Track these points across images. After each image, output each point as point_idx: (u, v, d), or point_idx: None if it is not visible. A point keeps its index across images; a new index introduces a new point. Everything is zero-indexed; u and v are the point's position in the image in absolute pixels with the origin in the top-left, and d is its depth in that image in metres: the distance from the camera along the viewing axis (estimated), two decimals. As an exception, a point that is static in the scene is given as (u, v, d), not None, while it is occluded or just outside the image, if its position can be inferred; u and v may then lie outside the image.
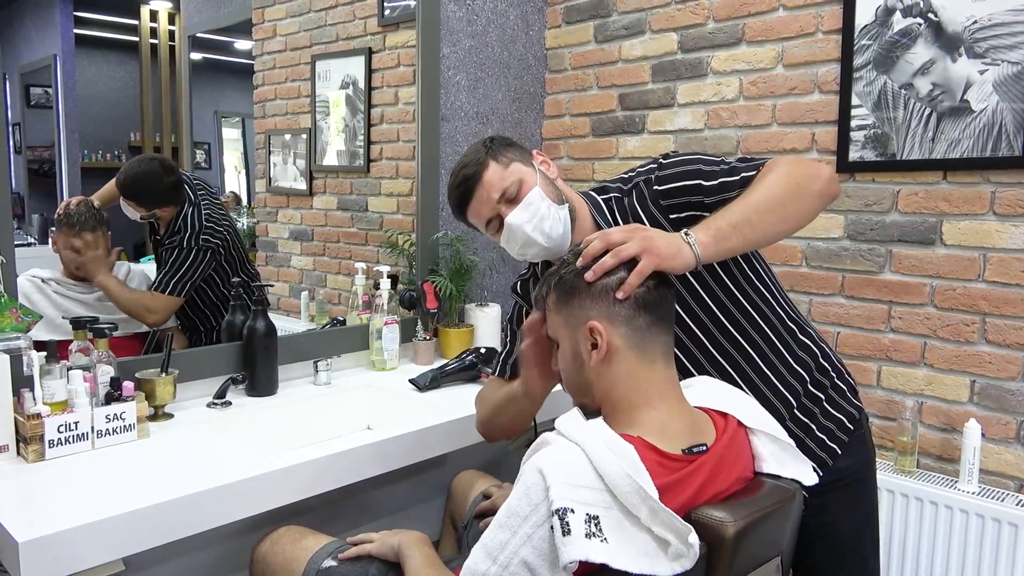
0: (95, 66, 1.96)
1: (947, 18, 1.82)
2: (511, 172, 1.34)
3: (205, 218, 1.95)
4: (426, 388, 1.94)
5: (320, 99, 2.37)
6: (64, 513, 1.17)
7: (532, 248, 1.34)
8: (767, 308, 1.36)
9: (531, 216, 1.32)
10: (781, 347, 1.37)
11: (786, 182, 1.20)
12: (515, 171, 1.34)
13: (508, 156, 1.36)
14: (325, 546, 1.35)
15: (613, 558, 0.89)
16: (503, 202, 1.33)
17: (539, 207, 1.32)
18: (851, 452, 1.37)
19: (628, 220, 1.35)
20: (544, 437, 1.03)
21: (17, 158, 1.86)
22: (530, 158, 1.39)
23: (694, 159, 1.32)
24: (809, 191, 1.21)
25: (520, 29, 2.55)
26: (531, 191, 1.33)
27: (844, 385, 1.42)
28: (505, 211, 1.33)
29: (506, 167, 1.34)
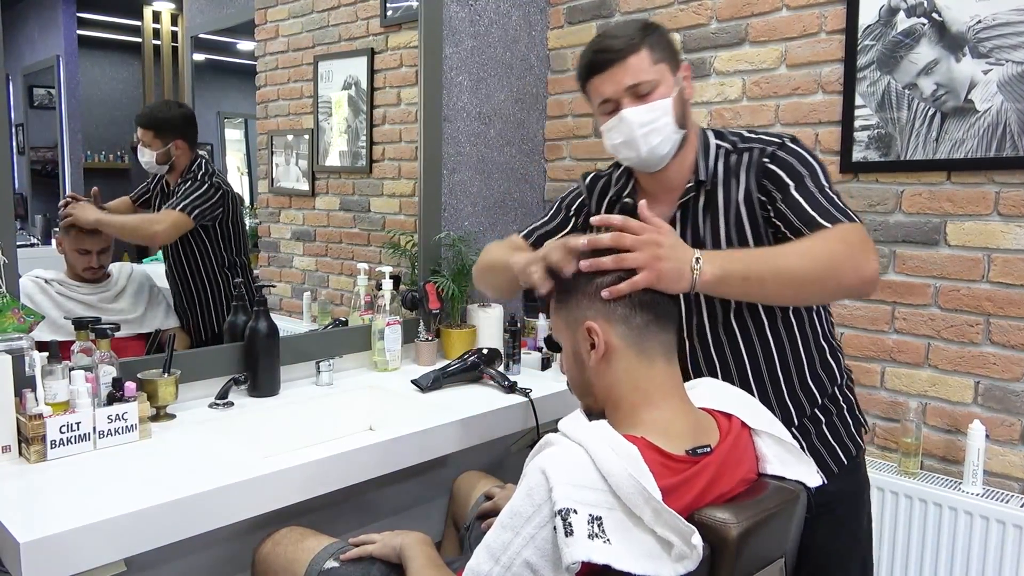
0: (98, 67, 1.96)
1: (951, 18, 1.81)
2: (656, 70, 1.28)
3: (216, 171, 2.01)
4: (428, 389, 1.93)
5: (322, 100, 2.37)
6: (66, 513, 1.17)
7: (629, 152, 1.31)
8: (804, 318, 1.36)
9: (648, 122, 1.28)
10: (804, 360, 1.36)
11: (824, 265, 1.17)
12: (659, 71, 1.28)
13: (661, 53, 1.29)
14: (327, 547, 1.35)
15: (616, 559, 0.89)
16: (631, 94, 1.28)
17: (659, 118, 1.28)
18: (838, 481, 1.36)
19: (728, 177, 1.33)
20: (547, 438, 1.02)
21: (20, 159, 1.86)
22: (678, 69, 1.33)
23: (810, 164, 1.29)
24: (840, 282, 1.18)
25: (522, 30, 2.55)
26: (662, 100, 1.28)
27: (851, 419, 1.41)
28: (627, 103, 1.28)
29: (654, 63, 1.28)
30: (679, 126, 1.31)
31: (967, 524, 1.78)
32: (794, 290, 1.18)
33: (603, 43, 1.30)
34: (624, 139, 1.30)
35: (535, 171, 2.67)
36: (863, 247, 1.19)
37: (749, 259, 1.18)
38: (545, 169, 2.71)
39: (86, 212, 1.81)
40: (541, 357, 2.23)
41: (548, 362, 2.21)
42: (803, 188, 1.26)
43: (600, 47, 1.30)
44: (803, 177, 1.27)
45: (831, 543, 1.38)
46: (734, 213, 1.33)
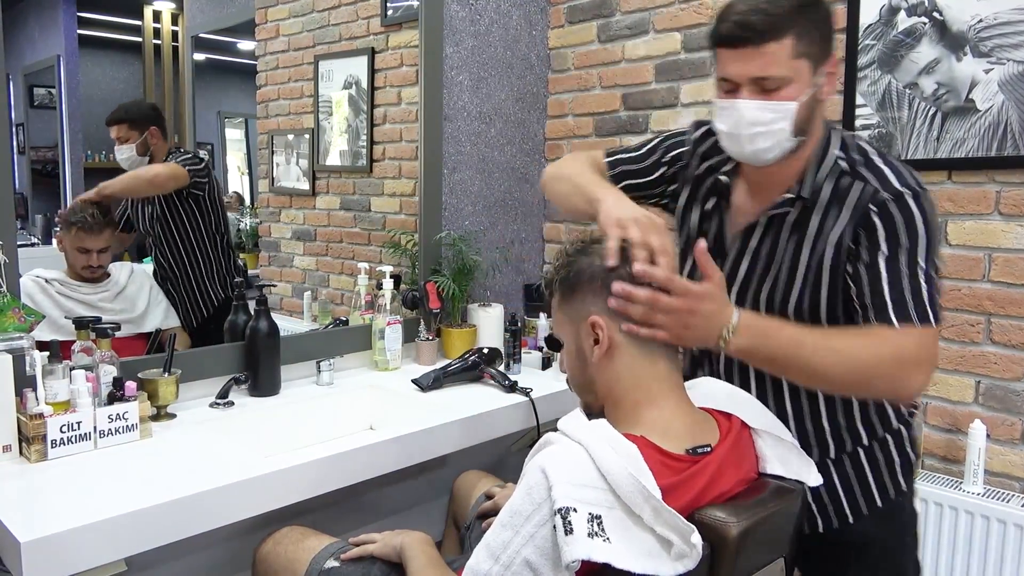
0: (98, 67, 1.96)
1: (952, 17, 1.81)
2: (792, 66, 1.11)
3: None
4: (429, 388, 1.93)
5: (323, 99, 2.37)
6: (66, 513, 1.17)
7: (731, 144, 1.19)
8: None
9: (762, 122, 1.13)
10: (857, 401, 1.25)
11: (859, 378, 1.09)
12: (796, 69, 1.11)
13: (808, 45, 1.11)
14: (327, 546, 1.35)
15: (615, 558, 0.89)
16: (754, 84, 1.12)
17: (775, 122, 1.13)
18: (869, 523, 1.26)
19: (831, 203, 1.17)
20: (547, 437, 1.02)
21: (20, 158, 1.86)
22: (823, 66, 1.14)
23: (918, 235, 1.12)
24: (871, 392, 1.13)
25: (523, 29, 2.55)
26: (788, 103, 1.12)
27: (899, 456, 1.28)
28: (747, 92, 1.13)
29: (796, 57, 1.10)
30: (797, 134, 1.15)
31: (968, 524, 1.77)
32: (817, 385, 1.15)
33: (746, 17, 1.10)
34: (729, 130, 1.17)
35: (536, 170, 2.67)
36: (915, 364, 1.08)
37: (782, 341, 1.08)
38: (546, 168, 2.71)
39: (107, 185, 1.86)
40: (542, 356, 2.23)
41: (549, 361, 2.21)
42: (894, 262, 1.11)
43: (742, 19, 1.10)
44: (901, 249, 1.11)
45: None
46: (820, 251, 1.18)
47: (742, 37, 1.11)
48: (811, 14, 1.12)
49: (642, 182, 1.42)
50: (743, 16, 1.11)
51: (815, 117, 1.17)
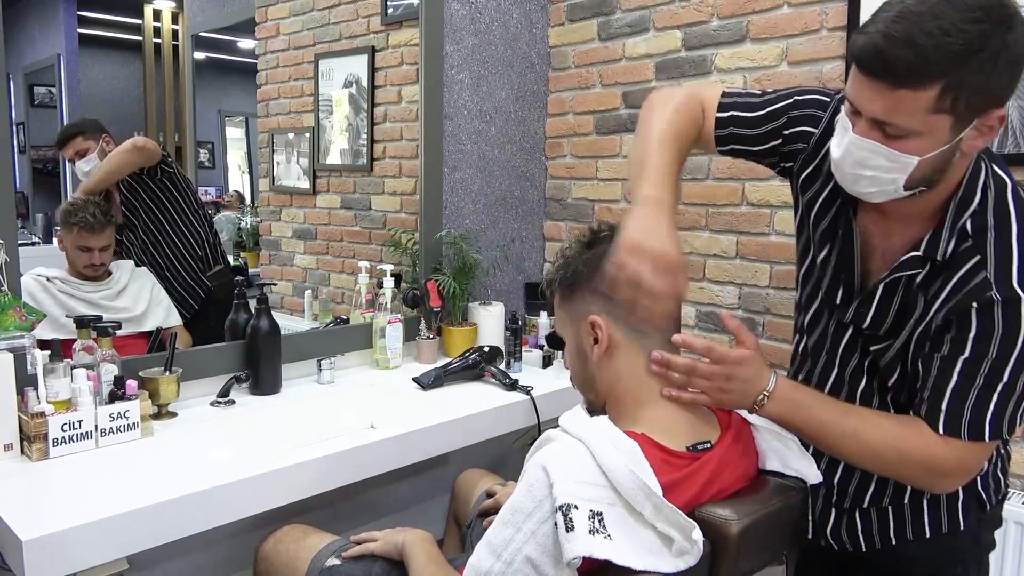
0: (99, 65, 1.96)
1: (952, 14, 1.81)
2: (927, 122, 0.91)
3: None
4: (430, 387, 1.93)
5: (323, 98, 2.37)
6: (68, 511, 1.18)
7: (835, 172, 1.05)
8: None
9: (868, 164, 0.98)
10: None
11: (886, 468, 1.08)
12: (931, 124, 0.91)
13: (959, 102, 0.89)
14: (329, 544, 1.35)
15: (617, 554, 0.89)
16: (877, 126, 0.95)
17: (886, 173, 0.97)
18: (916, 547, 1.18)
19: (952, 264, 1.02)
20: (548, 434, 1.02)
21: (21, 157, 1.86)
22: (976, 117, 0.92)
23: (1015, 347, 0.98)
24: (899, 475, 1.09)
25: (523, 27, 2.55)
26: (907, 157, 0.94)
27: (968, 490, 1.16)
28: (869, 131, 0.96)
29: (933, 111, 0.90)
30: (912, 186, 0.98)
31: (969, 521, 1.77)
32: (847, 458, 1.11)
33: (892, 47, 0.89)
34: (836, 158, 1.02)
35: (536, 169, 2.67)
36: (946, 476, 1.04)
37: (811, 420, 1.07)
38: (546, 167, 2.71)
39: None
40: (542, 355, 2.23)
41: (549, 360, 2.21)
42: (972, 368, 0.99)
43: (886, 47, 0.89)
44: (987, 359, 0.98)
45: None
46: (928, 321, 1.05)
47: (881, 69, 0.91)
48: (976, 66, 0.87)
49: (751, 150, 1.23)
50: (889, 43, 0.89)
51: (944, 174, 0.99)
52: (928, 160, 0.95)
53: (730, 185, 2.19)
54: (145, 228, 1.98)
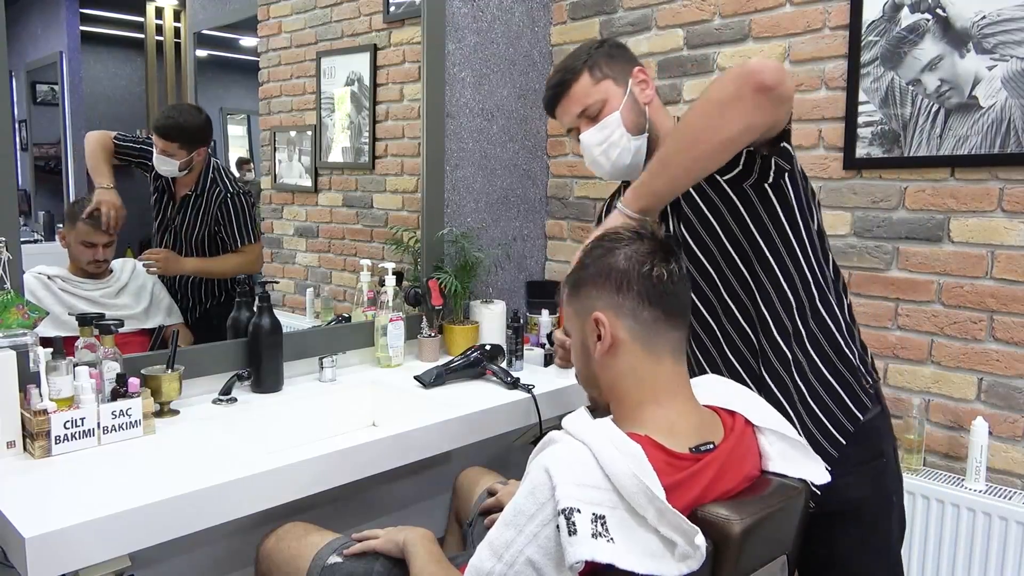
0: (101, 63, 1.96)
1: (955, 13, 1.81)
2: (598, 90, 1.35)
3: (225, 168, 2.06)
4: (431, 385, 1.94)
5: (325, 96, 2.37)
6: (70, 509, 1.18)
7: (598, 169, 1.40)
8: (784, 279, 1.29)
9: (602, 140, 1.35)
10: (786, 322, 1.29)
11: (696, 108, 1.16)
12: (602, 90, 1.35)
13: (604, 71, 1.36)
14: (330, 542, 1.35)
15: (619, 558, 0.89)
16: (583, 117, 1.37)
17: (612, 133, 1.35)
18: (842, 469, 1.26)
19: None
20: (551, 436, 1.02)
21: (23, 155, 1.86)
22: (628, 75, 1.38)
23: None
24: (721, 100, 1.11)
25: (526, 25, 2.54)
26: (610, 115, 1.35)
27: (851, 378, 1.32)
28: (583, 127, 1.37)
29: (596, 83, 1.35)
30: (635, 133, 1.36)
31: (970, 521, 1.78)
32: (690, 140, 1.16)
33: (553, 79, 1.39)
34: (589, 160, 1.40)
35: (538, 167, 2.67)
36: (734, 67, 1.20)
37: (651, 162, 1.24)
38: (548, 165, 2.71)
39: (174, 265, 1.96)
40: (544, 353, 2.23)
41: (551, 358, 2.21)
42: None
43: (552, 83, 1.40)
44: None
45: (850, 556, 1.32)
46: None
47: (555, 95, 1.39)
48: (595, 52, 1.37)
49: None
50: (549, 81, 1.41)
51: (649, 115, 1.37)
52: (624, 109, 1.35)
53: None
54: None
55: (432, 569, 1.20)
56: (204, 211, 1.97)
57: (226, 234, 2.00)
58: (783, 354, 1.30)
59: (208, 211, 1.98)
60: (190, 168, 1.93)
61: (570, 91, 1.37)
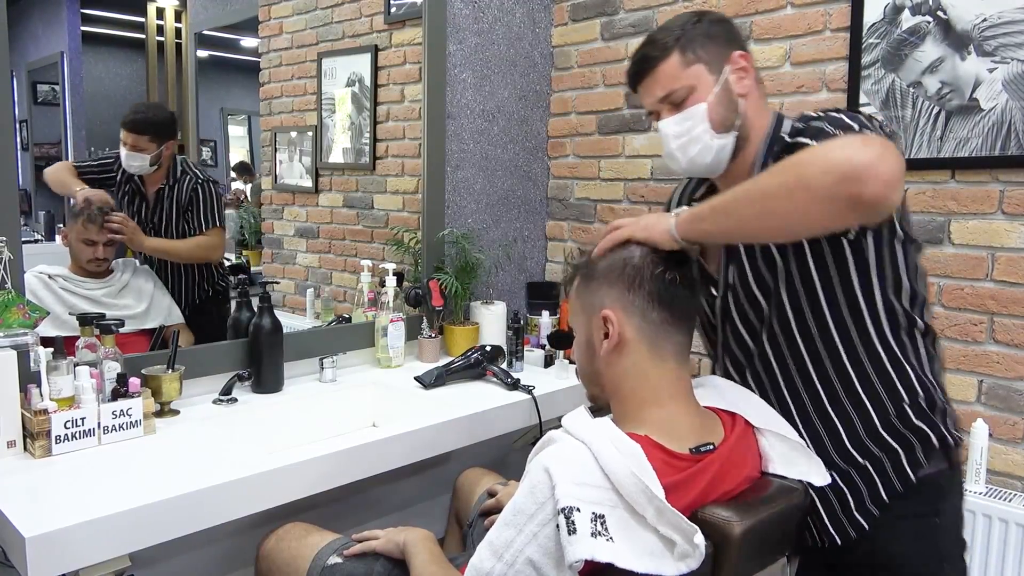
0: (102, 63, 1.96)
1: (956, 16, 1.81)
2: (687, 75, 1.18)
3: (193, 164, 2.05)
4: (431, 386, 1.94)
5: (326, 97, 2.37)
6: (71, 509, 1.18)
7: (674, 163, 1.24)
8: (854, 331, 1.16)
9: (682, 133, 1.20)
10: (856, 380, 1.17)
11: (784, 174, 1.00)
12: (692, 75, 1.18)
13: (697, 53, 1.19)
14: (330, 543, 1.35)
15: (619, 557, 0.89)
16: (666, 103, 1.21)
17: (694, 127, 1.19)
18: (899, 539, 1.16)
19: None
20: (550, 435, 1.02)
21: (24, 155, 1.86)
22: (724, 61, 1.20)
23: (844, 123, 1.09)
24: (809, 188, 0.95)
25: (526, 27, 2.55)
26: (696, 106, 1.19)
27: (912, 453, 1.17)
28: (664, 113, 1.21)
29: (687, 66, 1.18)
30: (720, 130, 1.19)
31: (970, 523, 1.77)
32: (759, 208, 1.03)
33: (640, 53, 1.23)
34: (666, 152, 1.24)
35: (538, 168, 2.67)
36: (849, 145, 0.95)
37: (719, 197, 1.10)
38: (548, 166, 2.71)
39: (138, 239, 1.92)
40: (544, 354, 2.23)
41: (551, 359, 2.21)
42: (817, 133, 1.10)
43: (637, 57, 1.23)
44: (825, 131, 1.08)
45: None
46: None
47: (641, 70, 1.23)
48: (691, 28, 1.21)
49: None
50: (638, 53, 1.24)
51: (738, 111, 1.20)
52: (714, 101, 1.19)
53: (732, 185, 2.19)
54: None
55: (432, 569, 1.20)
56: (178, 200, 1.96)
57: (192, 218, 1.98)
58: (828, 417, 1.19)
59: (181, 199, 1.97)
60: (159, 163, 1.91)
61: (655, 71, 1.20)
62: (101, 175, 1.89)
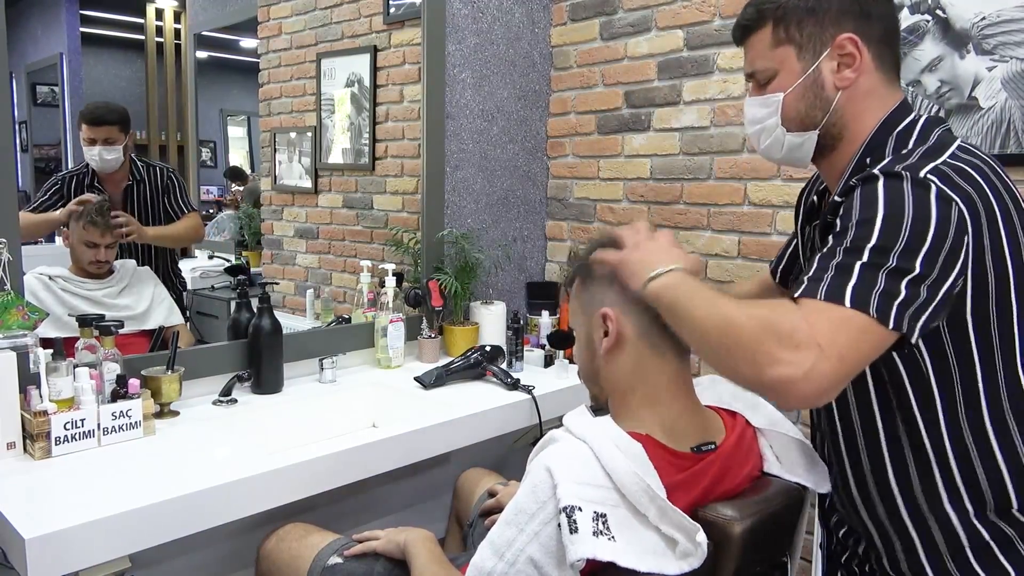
0: (101, 65, 1.96)
1: (955, 14, 1.81)
2: (774, 56, 1.04)
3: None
4: (431, 386, 1.93)
5: (325, 97, 2.37)
6: (70, 510, 1.18)
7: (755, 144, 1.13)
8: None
9: (757, 120, 1.09)
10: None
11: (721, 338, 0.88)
12: (778, 58, 1.03)
13: (791, 32, 1.02)
14: (331, 543, 1.35)
15: (620, 556, 0.89)
16: (754, 84, 1.09)
17: (768, 118, 1.07)
18: None
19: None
20: (551, 434, 1.02)
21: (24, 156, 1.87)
22: (825, 45, 1.01)
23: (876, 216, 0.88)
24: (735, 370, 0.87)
25: (525, 26, 2.55)
26: (773, 95, 1.05)
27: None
28: (751, 90, 1.10)
29: (775, 45, 1.03)
30: (796, 128, 1.05)
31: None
32: (699, 337, 0.92)
33: (744, 9, 1.08)
34: (747, 133, 1.15)
35: (538, 168, 2.67)
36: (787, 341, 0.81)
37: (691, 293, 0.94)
38: (548, 166, 2.71)
39: (140, 233, 1.93)
40: (544, 354, 2.23)
41: (551, 359, 2.21)
42: (837, 240, 0.90)
43: (740, 16, 1.09)
44: (850, 226, 0.90)
45: None
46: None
47: (735, 34, 1.11)
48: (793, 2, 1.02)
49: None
50: (740, 16, 1.09)
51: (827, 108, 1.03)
52: (793, 94, 1.04)
53: (732, 185, 2.19)
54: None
55: (433, 569, 1.20)
56: (151, 192, 1.96)
57: (170, 205, 2.00)
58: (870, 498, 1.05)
59: (156, 190, 1.96)
60: (125, 157, 1.90)
61: (748, 41, 1.07)
62: (56, 201, 1.85)
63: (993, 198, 0.94)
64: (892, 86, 1.07)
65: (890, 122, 1.04)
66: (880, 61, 1.05)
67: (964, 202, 0.89)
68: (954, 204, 0.88)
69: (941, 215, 0.87)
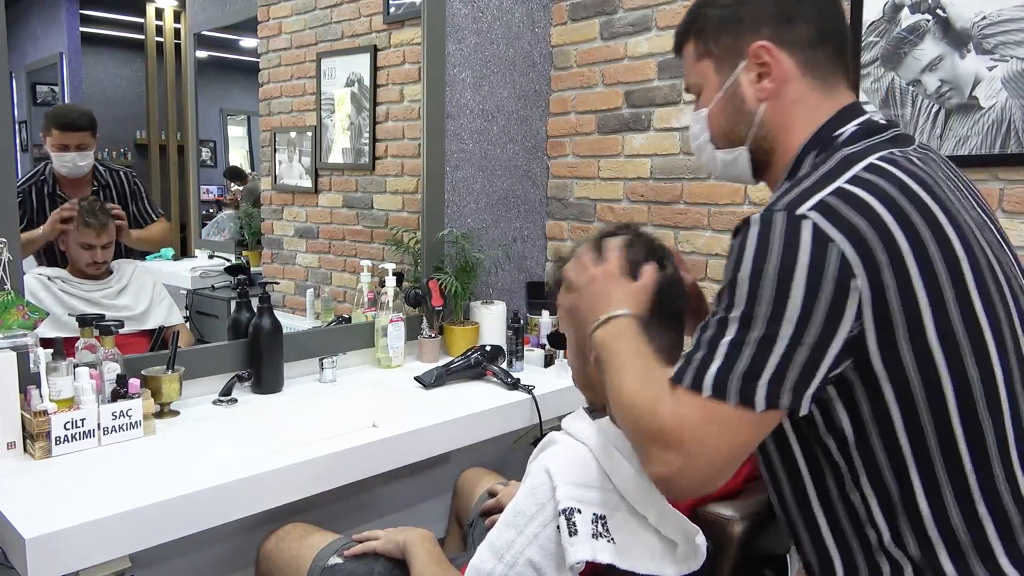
0: (101, 64, 1.96)
1: (955, 14, 1.81)
2: (698, 70, 1.00)
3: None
4: (431, 386, 1.94)
5: (325, 97, 2.37)
6: (71, 510, 1.18)
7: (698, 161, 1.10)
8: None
9: (695, 136, 1.05)
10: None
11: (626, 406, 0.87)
12: (701, 71, 1.00)
13: (708, 45, 0.98)
14: (331, 543, 1.35)
15: (620, 558, 0.89)
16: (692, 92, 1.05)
17: (700, 136, 1.03)
18: None
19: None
20: (551, 436, 1.02)
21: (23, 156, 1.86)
22: (739, 57, 0.95)
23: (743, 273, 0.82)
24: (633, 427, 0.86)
25: (525, 26, 2.54)
26: (699, 111, 1.02)
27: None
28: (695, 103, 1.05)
29: (697, 59, 1.00)
30: (724, 144, 1.00)
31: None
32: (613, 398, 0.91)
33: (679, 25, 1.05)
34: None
35: (538, 168, 2.67)
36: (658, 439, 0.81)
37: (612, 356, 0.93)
38: (548, 166, 2.71)
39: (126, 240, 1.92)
40: (544, 354, 2.23)
41: (551, 359, 2.21)
42: (716, 302, 0.87)
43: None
44: (724, 287, 0.85)
45: None
46: None
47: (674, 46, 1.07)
48: (710, 10, 0.98)
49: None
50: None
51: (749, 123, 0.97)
52: (716, 108, 0.99)
53: (732, 184, 2.19)
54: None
55: (433, 570, 1.20)
56: (117, 198, 1.92)
57: (139, 211, 1.97)
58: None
59: (122, 195, 1.93)
60: (96, 147, 1.87)
61: (682, 52, 1.04)
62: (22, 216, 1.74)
63: (900, 227, 0.81)
64: (830, 92, 0.96)
65: (822, 134, 0.94)
66: (810, 67, 0.94)
67: (850, 239, 0.78)
68: (831, 246, 0.78)
69: (813, 262, 0.78)
